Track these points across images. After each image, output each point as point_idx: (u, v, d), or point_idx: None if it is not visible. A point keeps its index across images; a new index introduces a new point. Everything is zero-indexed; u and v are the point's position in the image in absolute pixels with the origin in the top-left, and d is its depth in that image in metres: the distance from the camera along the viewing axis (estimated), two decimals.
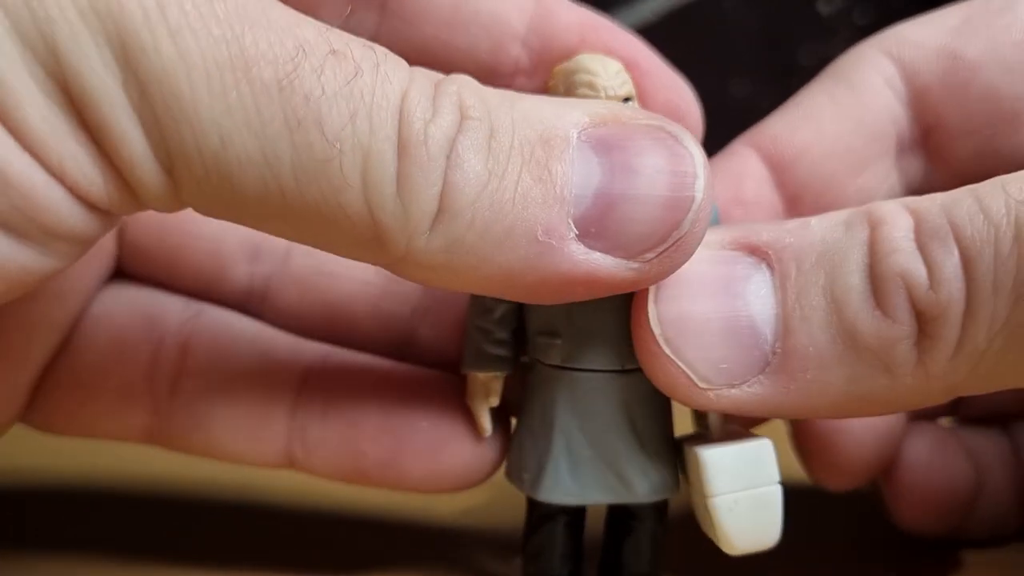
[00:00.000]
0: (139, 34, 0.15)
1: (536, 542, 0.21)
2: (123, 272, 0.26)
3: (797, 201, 0.24)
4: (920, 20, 0.25)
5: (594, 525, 0.23)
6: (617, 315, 0.20)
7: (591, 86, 0.21)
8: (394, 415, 0.24)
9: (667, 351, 0.19)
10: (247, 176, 0.16)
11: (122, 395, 0.25)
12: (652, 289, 0.19)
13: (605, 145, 0.18)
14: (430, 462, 0.23)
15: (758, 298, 0.18)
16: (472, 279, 0.17)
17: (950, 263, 0.17)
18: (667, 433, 0.21)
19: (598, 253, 0.18)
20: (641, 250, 0.18)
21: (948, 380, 0.17)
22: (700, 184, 0.18)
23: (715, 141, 0.27)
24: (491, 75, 0.24)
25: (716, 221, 0.22)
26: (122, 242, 0.25)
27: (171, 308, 0.26)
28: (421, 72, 0.18)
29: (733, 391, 0.18)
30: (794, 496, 0.26)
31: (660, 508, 0.21)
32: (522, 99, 0.19)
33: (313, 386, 0.24)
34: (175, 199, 0.17)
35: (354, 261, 0.18)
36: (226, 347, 0.25)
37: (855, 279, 0.18)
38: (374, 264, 0.18)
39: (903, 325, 0.17)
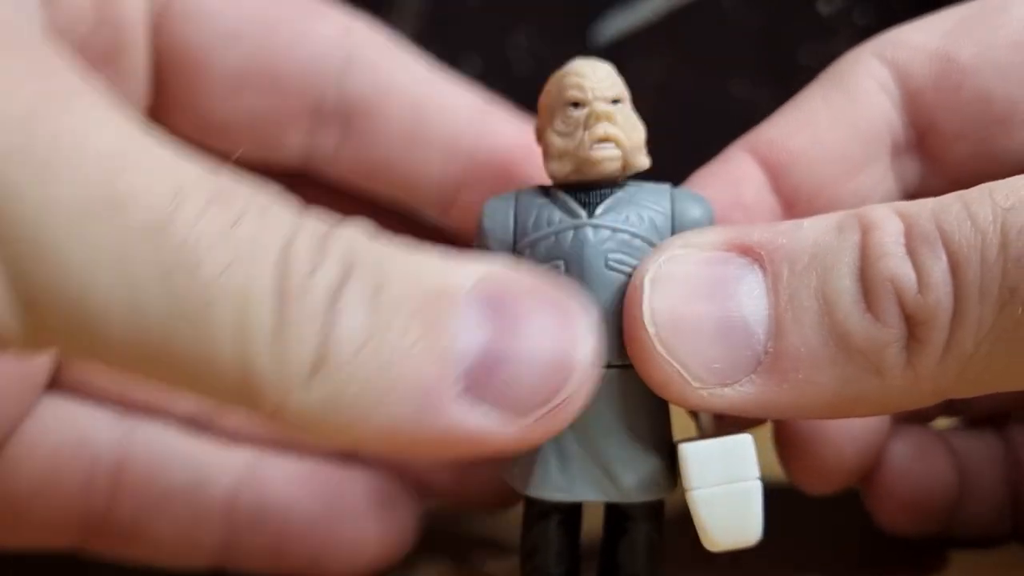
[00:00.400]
0: (3, 171, 0.15)
1: (531, 540, 0.22)
2: (57, 381, 0.26)
3: (793, 205, 0.25)
4: (917, 23, 0.25)
5: (597, 526, 0.22)
6: (607, 310, 0.20)
7: (579, 88, 0.21)
8: (317, 520, 0.24)
9: (661, 350, 0.19)
10: (112, 322, 0.16)
11: (56, 515, 0.25)
12: (647, 287, 0.19)
13: (494, 304, 0.18)
14: (351, 558, 0.24)
15: (751, 299, 0.19)
16: (351, 436, 0.17)
17: (938, 268, 0.17)
18: (662, 433, 0.21)
19: (481, 412, 0.18)
20: (524, 411, 0.18)
21: (937, 382, 0.18)
22: (587, 349, 0.18)
23: (715, 141, 0.27)
24: (440, 189, 0.25)
25: (712, 223, 0.22)
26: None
27: (103, 424, 0.26)
28: (313, 219, 0.18)
29: (726, 390, 0.19)
30: (792, 495, 0.26)
31: (655, 509, 0.21)
32: (414, 252, 0.19)
33: (244, 495, 0.25)
34: (34, 343, 0.17)
35: None
36: (160, 464, 0.25)
37: (846, 282, 0.18)
38: (250, 414, 0.18)
39: (893, 328, 0.18)
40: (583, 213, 0.21)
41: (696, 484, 0.20)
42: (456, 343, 0.18)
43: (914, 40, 0.25)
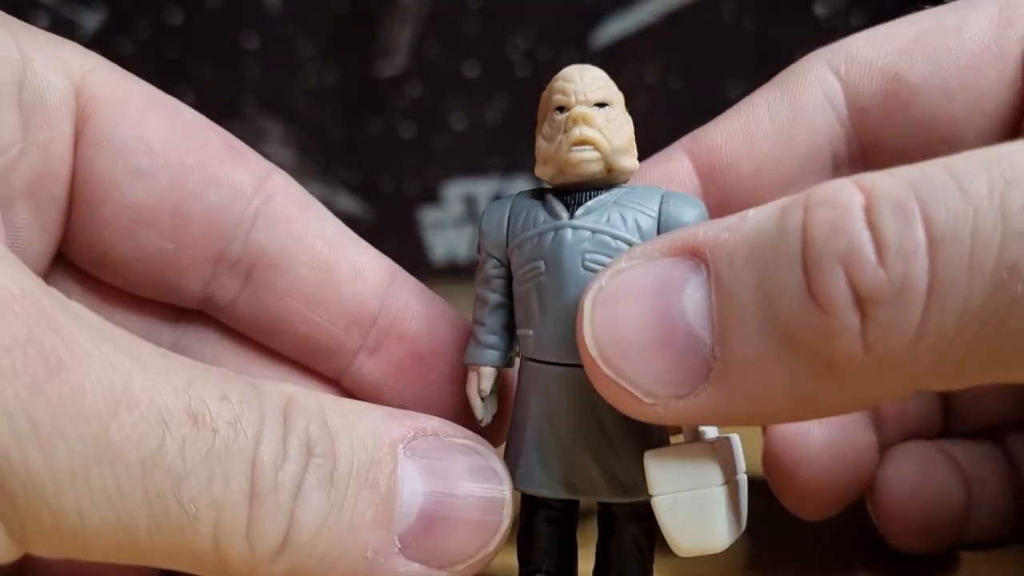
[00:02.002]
0: (8, 457, 0.16)
1: (523, 533, 0.22)
2: None
3: (723, 211, 0.24)
4: (873, 34, 0.25)
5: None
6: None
7: (564, 92, 0.21)
8: None
9: (606, 371, 0.18)
10: (102, 538, 0.17)
11: None
12: (587, 309, 0.19)
13: (428, 467, 0.20)
14: None
15: (694, 303, 0.18)
16: None
17: (910, 239, 0.15)
18: (644, 437, 0.21)
19: (416, 565, 0.20)
20: (453, 563, 0.20)
21: (909, 371, 0.16)
22: (507, 510, 0.21)
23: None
24: (335, 350, 0.26)
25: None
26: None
27: None
28: (272, 408, 0.19)
29: (680, 402, 0.18)
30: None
31: (639, 512, 0.21)
32: (361, 415, 0.20)
33: None
34: (19, 552, 0.18)
35: None
36: None
37: (787, 272, 0.16)
38: None
39: (841, 316, 0.16)
40: (565, 214, 0.20)
41: (657, 491, 0.19)
42: (397, 504, 0.20)
43: (867, 55, 0.25)
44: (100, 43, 1.02)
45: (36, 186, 0.24)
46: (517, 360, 0.22)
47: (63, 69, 0.24)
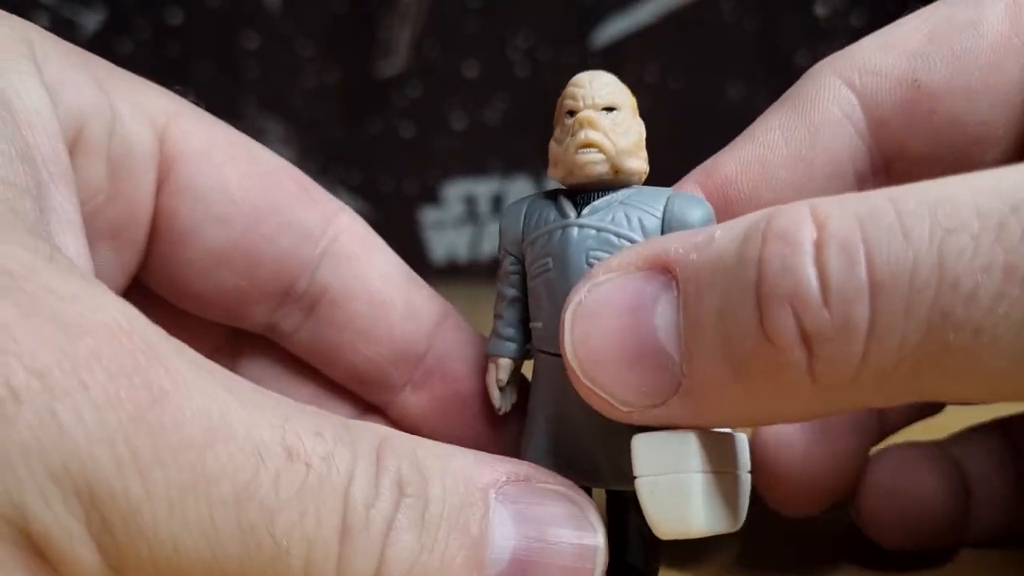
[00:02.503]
0: (109, 483, 0.16)
1: None
2: None
3: None
4: (884, 39, 0.24)
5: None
6: None
7: (574, 97, 0.22)
8: None
9: (585, 381, 0.19)
10: (195, 570, 0.17)
11: None
12: (567, 322, 0.20)
13: (520, 512, 0.20)
14: None
15: (664, 320, 0.19)
16: None
17: (852, 282, 0.16)
18: (645, 426, 0.21)
19: None
20: None
21: (854, 397, 0.17)
22: (600, 558, 0.20)
23: (712, 143, 0.27)
24: (383, 382, 0.27)
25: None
26: None
27: None
28: (365, 446, 0.19)
29: (655, 411, 0.19)
30: None
31: None
32: (452, 458, 0.20)
33: None
34: None
35: None
36: None
37: (742, 304, 0.17)
38: None
39: (788, 352, 0.17)
40: (572, 213, 0.21)
41: (640, 472, 0.20)
42: (488, 549, 0.19)
43: (880, 64, 0.24)
44: (100, 43, 1.02)
45: (118, 229, 0.26)
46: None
47: (148, 119, 0.26)
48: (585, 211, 0.21)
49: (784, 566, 0.25)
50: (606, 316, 0.19)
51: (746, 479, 0.21)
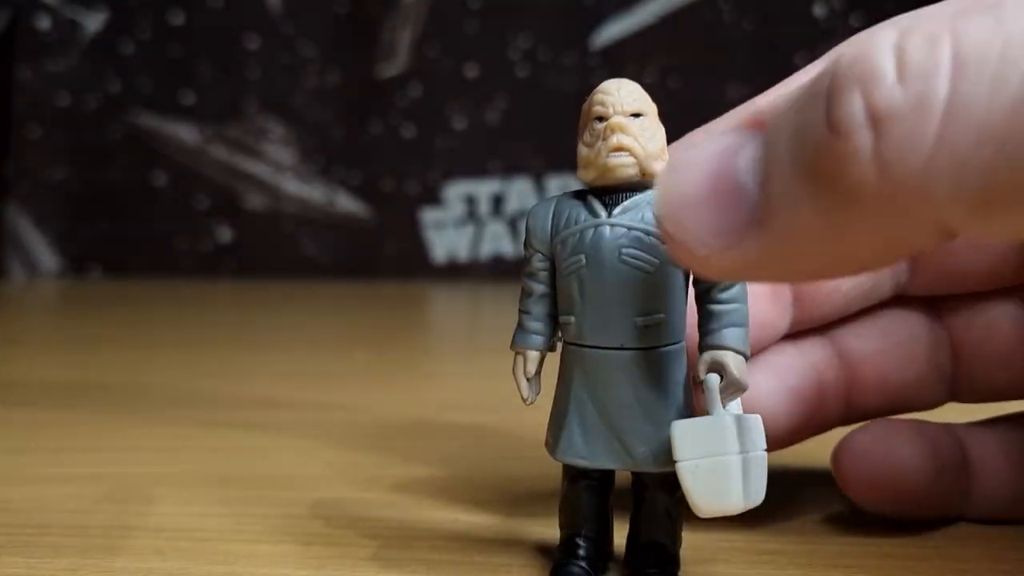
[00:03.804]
0: None
1: (565, 501, 0.24)
2: None
3: None
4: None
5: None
6: (617, 301, 0.22)
7: (603, 104, 0.23)
8: None
9: (667, 226, 0.19)
10: None
11: None
12: (661, 176, 0.20)
13: None
14: None
15: (746, 161, 0.19)
16: None
17: (932, 57, 0.15)
18: (676, 410, 0.22)
19: None
20: None
21: (927, 198, 0.16)
22: None
23: None
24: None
25: None
26: None
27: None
28: None
29: (730, 252, 0.19)
30: (805, 482, 0.27)
31: (671, 481, 0.22)
32: None
33: None
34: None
35: None
36: None
37: (814, 109, 0.17)
38: None
39: (851, 136, 0.16)
40: (603, 213, 0.23)
41: (681, 456, 0.21)
42: None
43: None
44: (102, 44, 1.02)
45: None
46: (558, 345, 0.24)
47: None
48: (616, 211, 0.22)
49: (781, 529, 0.25)
50: (693, 164, 0.19)
51: (764, 457, 0.22)
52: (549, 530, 0.24)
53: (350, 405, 0.39)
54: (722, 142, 0.19)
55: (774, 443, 0.23)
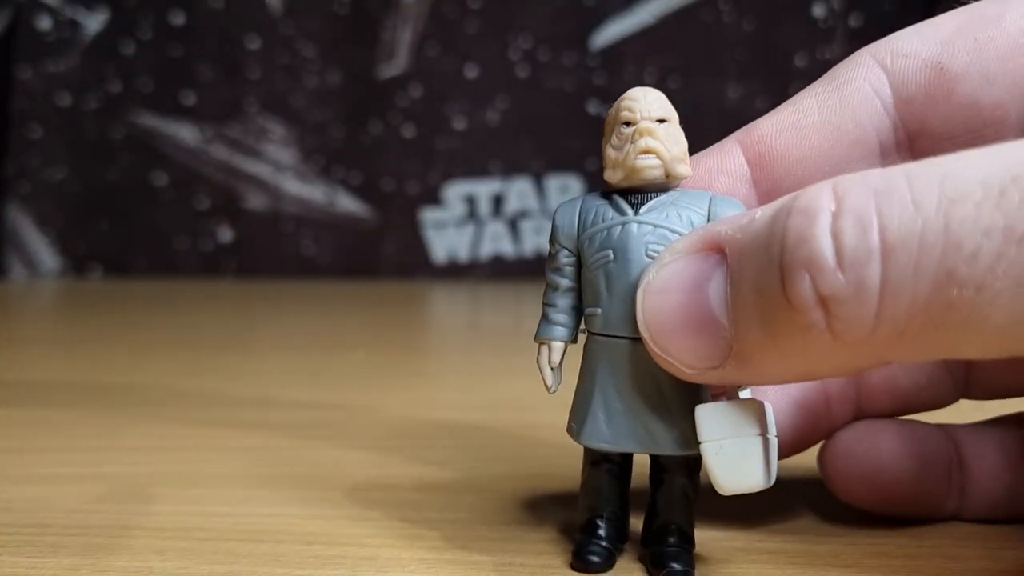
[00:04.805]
0: None
1: (586, 482, 0.25)
2: None
3: (772, 197, 0.26)
4: (917, 29, 0.27)
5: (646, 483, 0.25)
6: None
7: (630, 109, 0.24)
8: None
9: (655, 348, 0.21)
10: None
11: None
12: (640, 298, 0.22)
13: None
14: None
15: (716, 294, 0.21)
16: None
17: (864, 246, 0.18)
18: (694, 397, 0.23)
19: None
20: None
21: (874, 352, 0.19)
22: None
23: (712, 143, 0.28)
24: None
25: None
26: None
27: None
28: None
29: (713, 372, 0.21)
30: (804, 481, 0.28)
31: (689, 464, 0.24)
32: None
33: None
34: None
35: None
36: None
37: (771, 273, 0.19)
38: None
39: (808, 314, 0.18)
40: (630, 212, 0.24)
41: (705, 438, 0.22)
42: None
43: (910, 48, 0.26)
44: (103, 44, 1.02)
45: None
46: (581, 337, 0.25)
47: None
48: (643, 210, 0.24)
49: (785, 528, 0.26)
50: (670, 292, 0.22)
51: (775, 441, 0.23)
52: (551, 530, 0.25)
53: (350, 405, 0.39)
54: (691, 268, 0.21)
55: (781, 452, 0.24)
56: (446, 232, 0.95)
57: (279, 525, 0.24)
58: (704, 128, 0.27)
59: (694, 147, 0.25)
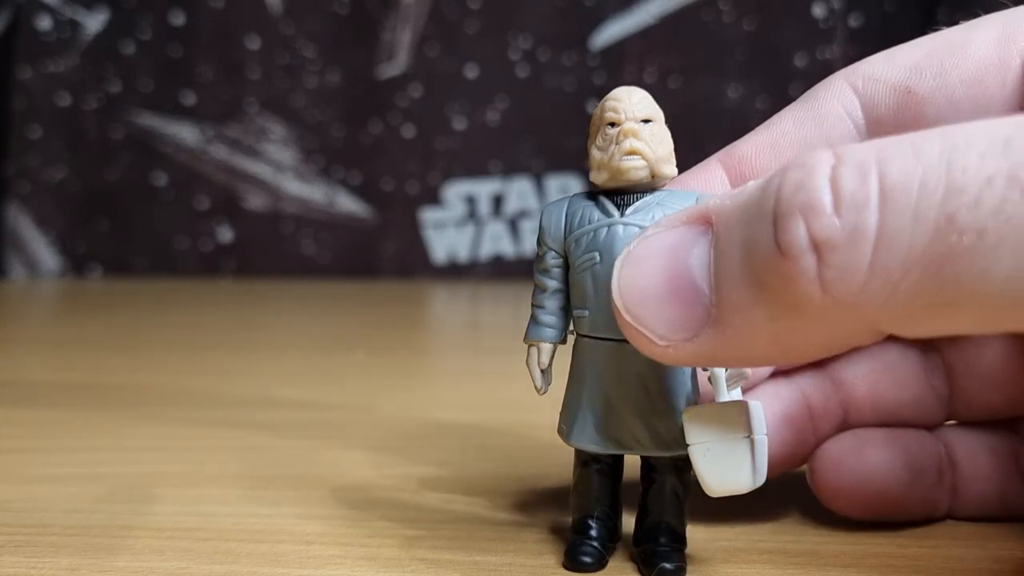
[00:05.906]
0: None
1: (578, 484, 0.25)
2: None
3: None
4: (888, 54, 0.27)
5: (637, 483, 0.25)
6: None
7: (615, 110, 0.24)
8: None
9: (628, 318, 0.21)
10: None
11: None
12: (617, 267, 0.21)
13: None
14: None
15: (698, 260, 0.20)
16: None
17: (863, 191, 0.17)
18: (684, 397, 0.23)
19: None
20: None
21: (863, 312, 0.18)
22: None
23: (713, 143, 0.28)
24: None
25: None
26: None
27: None
28: None
29: (688, 344, 0.20)
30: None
31: (678, 464, 0.24)
32: None
33: None
34: None
35: None
36: None
37: (761, 226, 0.19)
38: None
39: (799, 259, 0.18)
40: (616, 213, 0.24)
41: (692, 440, 0.22)
42: None
43: (881, 73, 0.27)
44: (103, 44, 1.02)
45: None
46: (570, 338, 0.25)
47: None
48: (628, 211, 0.24)
49: (785, 535, 0.26)
50: (650, 259, 0.21)
51: (764, 441, 0.23)
52: (550, 530, 0.25)
53: (350, 405, 0.39)
54: (673, 236, 0.21)
55: (771, 470, 0.24)
56: (446, 232, 0.95)
57: (279, 525, 0.24)
58: (704, 128, 0.27)
59: (694, 146, 0.25)
